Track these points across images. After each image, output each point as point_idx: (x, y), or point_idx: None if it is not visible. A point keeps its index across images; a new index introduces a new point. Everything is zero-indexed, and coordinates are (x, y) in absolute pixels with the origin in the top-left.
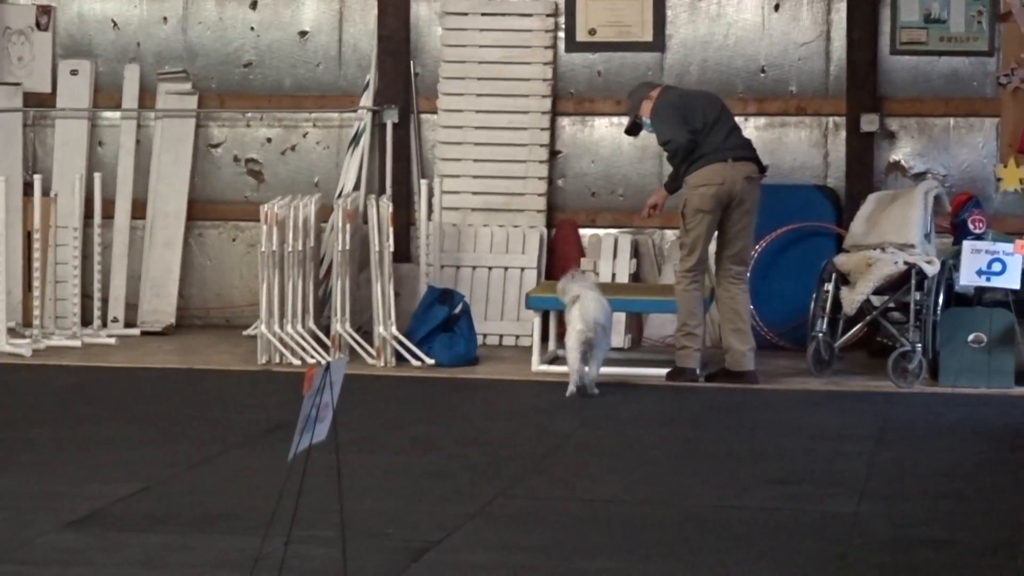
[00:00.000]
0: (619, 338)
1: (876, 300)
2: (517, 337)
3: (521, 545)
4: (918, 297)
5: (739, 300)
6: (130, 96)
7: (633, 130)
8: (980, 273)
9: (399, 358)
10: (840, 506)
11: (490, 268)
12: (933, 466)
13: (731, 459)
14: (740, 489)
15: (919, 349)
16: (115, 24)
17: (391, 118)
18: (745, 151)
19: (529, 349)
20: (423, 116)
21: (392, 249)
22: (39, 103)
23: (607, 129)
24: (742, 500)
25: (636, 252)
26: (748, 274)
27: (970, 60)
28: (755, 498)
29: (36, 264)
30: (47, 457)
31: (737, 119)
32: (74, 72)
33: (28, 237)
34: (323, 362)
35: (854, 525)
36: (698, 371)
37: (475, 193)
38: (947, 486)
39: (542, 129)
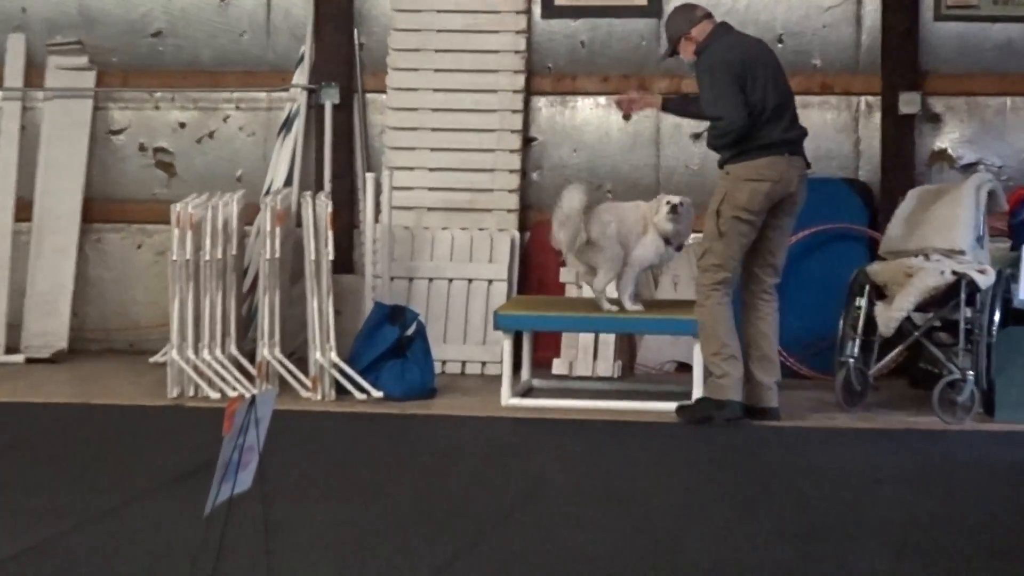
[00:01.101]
0: (608, 365)
1: (918, 318)
2: (483, 364)
3: None
4: (969, 314)
5: (770, 321)
6: (13, 72)
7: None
8: None
9: (340, 390)
10: (872, 565)
11: (450, 280)
12: (984, 518)
13: (741, 508)
14: (751, 544)
15: (970, 377)
16: None
17: (330, 98)
18: (801, 143)
19: (498, 379)
20: (369, 96)
21: (331, 257)
22: None
23: (592, 111)
24: (753, 557)
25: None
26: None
27: None
28: (769, 555)
29: None
30: None
31: None
32: None
33: None
34: (247, 395)
35: None
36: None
37: (432, 189)
38: (1001, 542)
39: (513, 112)
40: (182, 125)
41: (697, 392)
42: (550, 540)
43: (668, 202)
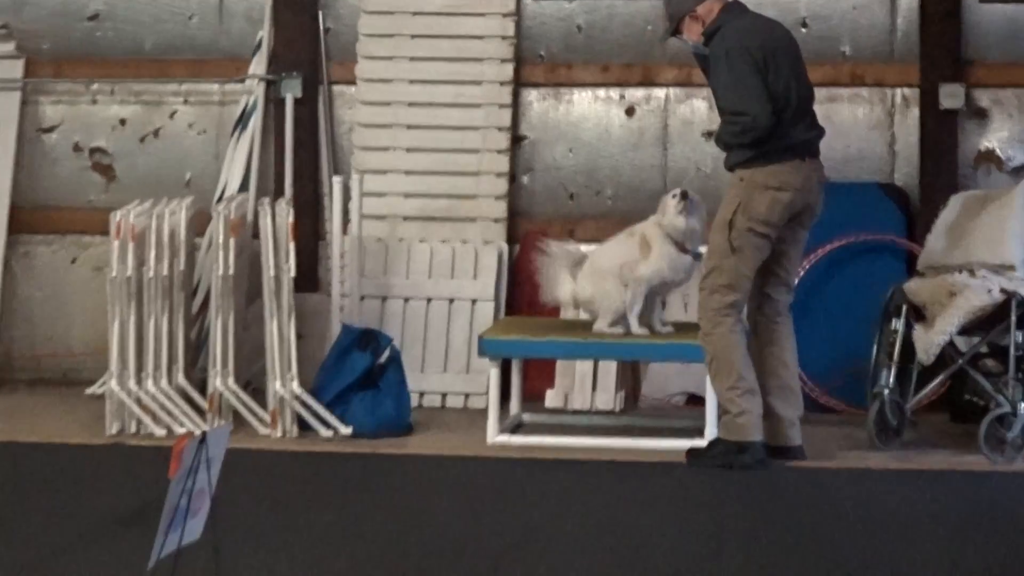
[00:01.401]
0: (608, 397)
1: (962, 343)
2: (466, 396)
3: None
4: (1021, 338)
5: (788, 346)
6: None
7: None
8: None
9: (303, 425)
10: None
11: (429, 300)
12: None
13: (761, 559)
14: None
15: (1022, 411)
16: None
17: (292, 91)
18: (818, 145)
19: (483, 412)
20: (336, 88)
21: (293, 274)
22: None
23: (590, 106)
24: None
25: None
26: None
27: None
28: None
29: None
30: None
31: None
32: None
33: None
34: (197, 432)
35: None
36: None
37: (408, 195)
38: None
39: (501, 106)
40: (122, 122)
41: (711, 430)
42: None
43: (675, 194)
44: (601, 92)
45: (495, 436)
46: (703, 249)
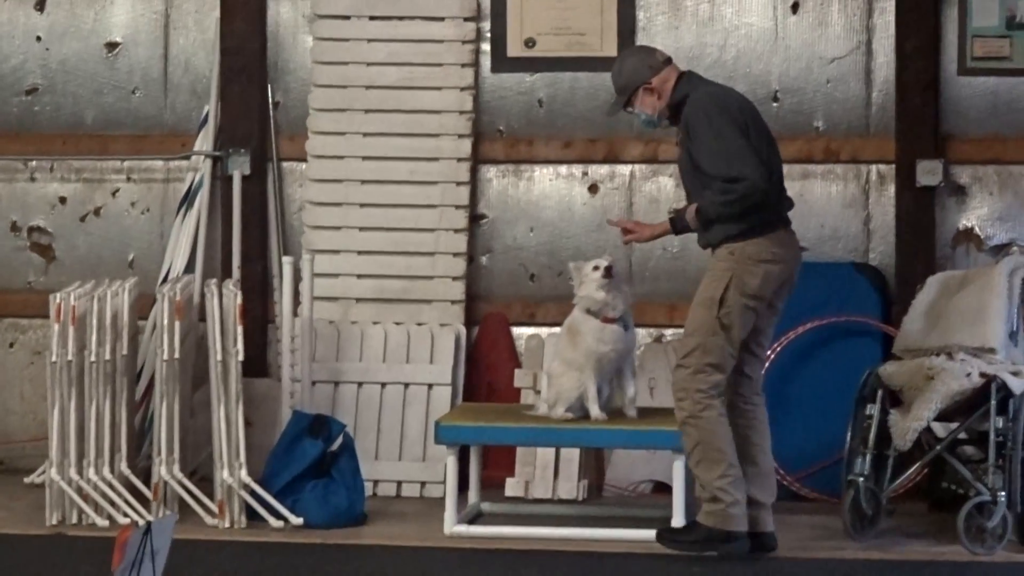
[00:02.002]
0: (571, 485)
1: (940, 429)
2: (423, 485)
3: None
4: (1001, 424)
5: (763, 430)
6: None
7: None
8: None
9: (252, 515)
10: None
11: (383, 385)
12: None
13: None
14: None
15: (1002, 499)
16: None
17: (239, 167)
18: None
19: (441, 502)
20: (286, 165)
21: (242, 358)
22: None
23: (552, 183)
24: None
25: None
26: None
27: None
28: None
29: None
30: None
31: None
32: None
33: None
34: (141, 522)
35: None
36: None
37: (362, 276)
38: None
39: (459, 184)
40: (62, 200)
41: (678, 519)
42: None
43: (596, 266)
44: (563, 169)
45: (453, 526)
46: (671, 335)
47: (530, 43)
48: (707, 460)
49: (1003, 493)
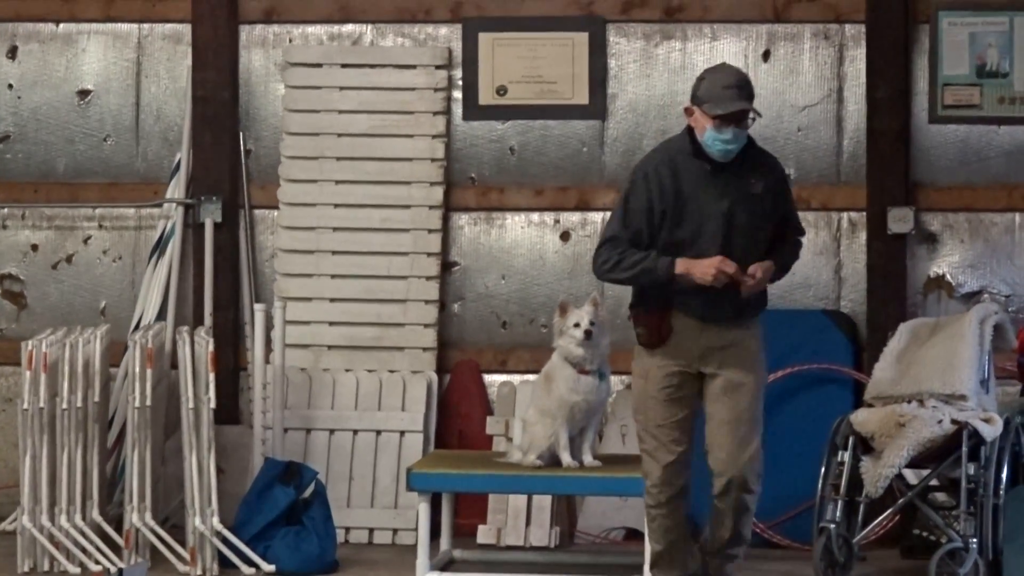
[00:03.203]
0: (543, 533)
1: (912, 476)
2: (394, 532)
3: None
4: (972, 471)
5: None
6: None
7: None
8: None
9: (224, 562)
10: None
11: (355, 432)
12: None
13: None
14: None
15: (973, 546)
16: None
17: (211, 215)
18: None
19: (412, 549)
20: (258, 213)
21: (213, 405)
22: None
23: (523, 231)
24: None
25: None
26: None
27: None
28: None
29: None
30: None
31: None
32: None
33: None
34: (113, 569)
35: None
36: None
37: (333, 323)
38: None
39: (430, 231)
40: (34, 248)
41: (649, 567)
42: None
43: (577, 323)
44: (535, 216)
45: (425, 573)
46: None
47: (501, 91)
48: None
49: (975, 540)
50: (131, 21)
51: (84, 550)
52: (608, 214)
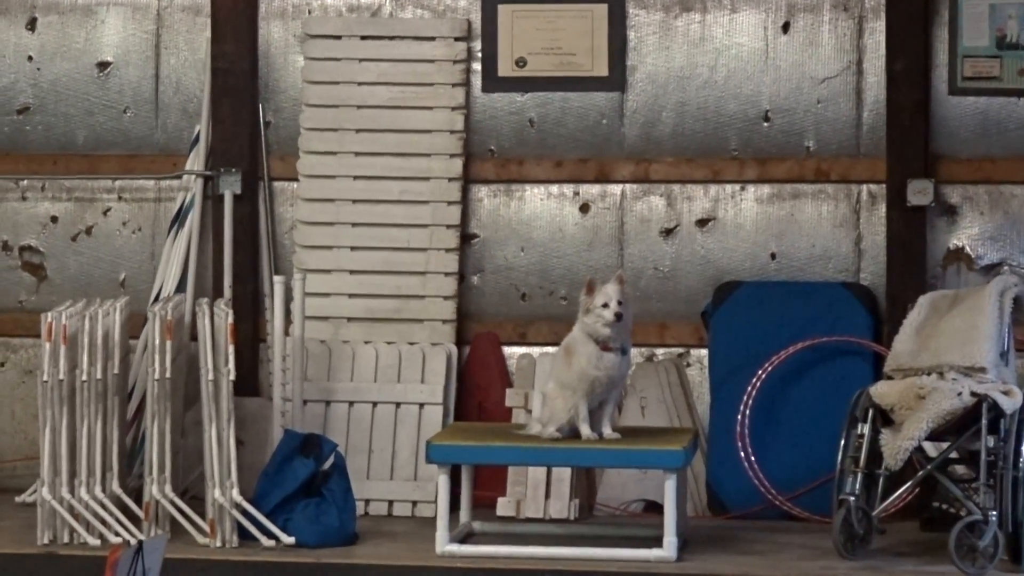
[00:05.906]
0: (563, 505)
1: (931, 448)
2: (414, 504)
3: None
4: (992, 443)
5: None
6: None
7: None
8: None
9: (243, 534)
10: None
11: (375, 404)
12: None
13: None
14: None
15: (993, 519)
16: None
17: (230, 187)
18: None
19: (432, 521)
20: (277, 184)
21: (233, 377)
22: None
23: (543, 202)
24: None
25: None
26: None
27: None
28: None
29: None
30: None
31: (732, 187)
32: None
33: None
34: (132, 541)
35: None
36: None
37: (353, 296)
38: None
39: (449, 203)
40: (54, 219)
41: (670, 538)
42: None
43: (606, 303)
44: (554, 188)
45: (444, 546)
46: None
47: (521, 63)
48: None
49: (994, 512)
50: None
51: (104, 522)
52: (628, 186)
